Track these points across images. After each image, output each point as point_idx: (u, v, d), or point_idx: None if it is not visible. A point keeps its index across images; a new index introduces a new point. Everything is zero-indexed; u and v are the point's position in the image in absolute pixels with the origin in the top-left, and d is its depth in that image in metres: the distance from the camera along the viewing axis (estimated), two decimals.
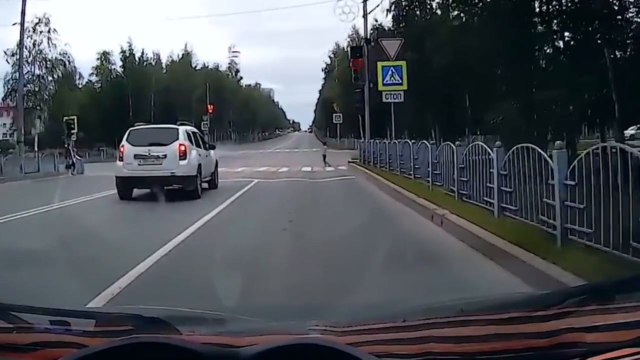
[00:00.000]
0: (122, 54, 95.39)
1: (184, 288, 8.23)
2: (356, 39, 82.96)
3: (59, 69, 74.79)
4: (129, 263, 9.51)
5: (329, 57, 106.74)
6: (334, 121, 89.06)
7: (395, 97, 31.48)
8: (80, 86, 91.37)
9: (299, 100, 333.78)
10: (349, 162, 41.33)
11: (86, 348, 1.86)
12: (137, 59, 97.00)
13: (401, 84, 31.62)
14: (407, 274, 8.10)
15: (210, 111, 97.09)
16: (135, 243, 11.90)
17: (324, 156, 45.25)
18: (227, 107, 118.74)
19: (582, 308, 2.16)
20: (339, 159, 45.71)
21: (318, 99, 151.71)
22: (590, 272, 7.12)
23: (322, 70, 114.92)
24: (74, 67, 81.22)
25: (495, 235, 10.10)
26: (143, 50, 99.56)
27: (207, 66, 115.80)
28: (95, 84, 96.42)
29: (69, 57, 77.02)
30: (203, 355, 1.76)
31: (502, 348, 1.90)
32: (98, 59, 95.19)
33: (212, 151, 24.47)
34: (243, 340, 1.90)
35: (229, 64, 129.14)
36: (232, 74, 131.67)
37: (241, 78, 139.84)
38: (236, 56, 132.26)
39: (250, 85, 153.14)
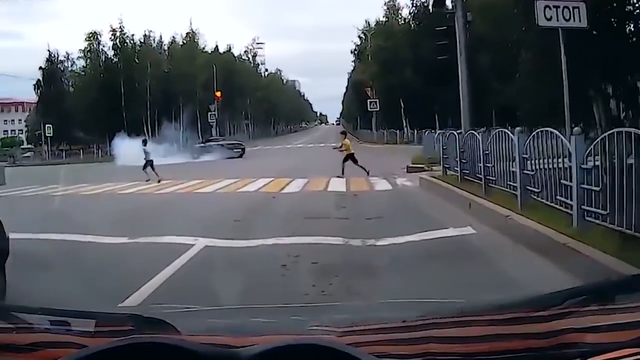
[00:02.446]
0: (112, 33, 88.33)
1: None
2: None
3: None
4: None
5: (359, 36, 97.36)
6: (369, 108, 77.96)
7: None
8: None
9: (326, 93, 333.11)
10: (411, 170, 28.66)
11: (86, 348, 1.83)
12: (132, 40, 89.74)
13: None
14: None
15: (218, 99, 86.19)
16: None
17: (349, 159, 29.10)
18: (241, 95, 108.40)
19: (582, 308, 2.10)
20: (385, 162, 35.30)
21: (346, 88, 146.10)
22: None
23: (352, 52, 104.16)
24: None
25: None
26: (147, 32, 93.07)
27: (218, 48, 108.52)
28: (83, 70, 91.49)
29: None
30: (203, 355, 1.73)
31: (502, 348, 1.86)
32: (86, 39, 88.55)
33: None
34: (243, 340, 1.87)
35: (253, 55, 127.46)
36: (248, 58, 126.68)
37: (266, 70, 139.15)
38: (260, 48, 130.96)
39: (271, 72, 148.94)
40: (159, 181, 28.53)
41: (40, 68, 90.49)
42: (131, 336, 1.88)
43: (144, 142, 32.99)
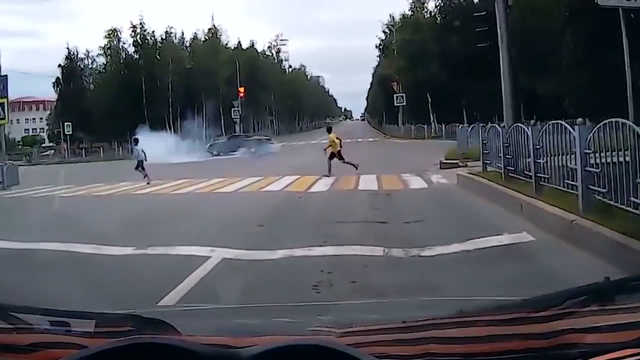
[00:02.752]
0: (132, 29, 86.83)
1: None
2: None
3: None
4: None
5: (384, 31, 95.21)
6: (396, 103, 76.99)
7: None
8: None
9: (350, 89, 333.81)
10: (445, 165, 26.87)
11: (86, 349, 1.83)
12: (153, 37, 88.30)
13: None
14: None
15: (242, 95, 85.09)
16: None
17: (336, 157, 27.73)
18: (265, 91, 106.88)
19: (582, 309, 2.09)
20: (416, 157, 34.09)
21: (371, 84, 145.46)
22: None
23: (377, 46, 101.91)
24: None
25: None
26: (168, 29, 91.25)
27: (241, 44, 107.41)
28: (104, 67, 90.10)
29: None
30: (203, 355, 1.72)
31: (502, 349, 1.85)
32: (106, 36, 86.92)
33: None
34: (243, 341, 1.86)
35: (277, 51, 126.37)
36: (272, 54, 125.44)
37: (290, 66, 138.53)
38: (284, 44, 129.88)
39: (294, 68, 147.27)
40: (147, 183, 27.02)
41: (60, 66, 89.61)
42: (131, 337, 1.87)
43: (135, 141, 31.72)
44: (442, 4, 75.16)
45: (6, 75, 42.42)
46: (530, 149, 15.01)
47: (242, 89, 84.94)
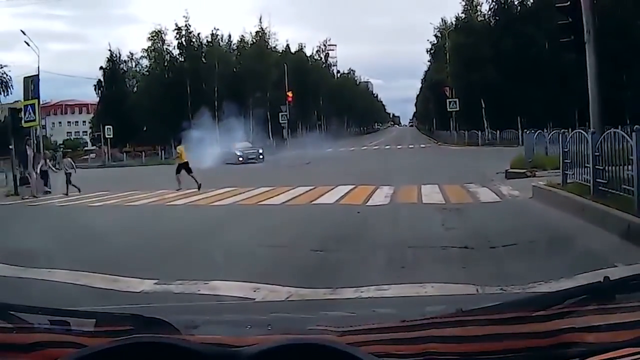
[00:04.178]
0: (176, 31, 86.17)
1: None
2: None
3: None
4: None
5: (435, 35, 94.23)
6: (449, 108, 74.90)
7: None
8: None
9: (399, 95, 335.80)
10: (511, 175, 25.11)
11: (86, 348, 1.82)
12: (198, 39, 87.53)
13: None
14: None
15: (290, 99, 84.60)
16: None
17: (183, 169, 28.70)
18: (313, 95, 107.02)
19: (582, 308, 2.07)
20: (476, 165, 32.43)
21: (420, 90, 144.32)
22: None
23: (427, 51, 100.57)
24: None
25: None
26: (214, 31, 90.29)
27: (289, 48, 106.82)
28: (147, 70, 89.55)
29: None
30: (203, 354, 1.72)
31: (502, 348, 1.85)
32: (150, 38, 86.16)
33: None
34: (243, 340, 1.88)
35: (325, 55, 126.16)
36: (320, 58, 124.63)
37: (338, 72, 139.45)
38: (332, 49, 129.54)
39: (343, 72, 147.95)
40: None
41: (101, 68, 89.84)
42: (131, 336, 1.86)
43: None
44: (495, 7, 74.12)
45: (37, 76, 41.65)
46: (634, 160, 12.73)
47: (290, 93, 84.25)
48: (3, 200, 29.55)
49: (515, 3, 73.05)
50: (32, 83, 38.53)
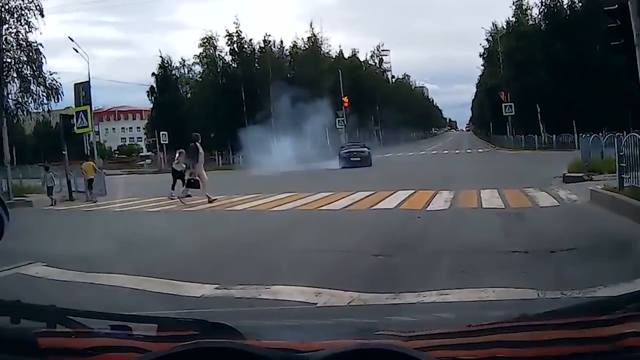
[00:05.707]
0: (228, 37, 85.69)
1: None
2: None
3: None
4: None
5: (486, 40, 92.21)
6: (504, 113, 74.00)
7: None
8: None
9: (455, 99, 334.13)
10: (568, 179, 24.82)
11: (148, 353, 1.81)
12: (251, 45, 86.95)
13: None
14: None
15: (346, 104, 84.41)
16: None
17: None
18: (369, 100, 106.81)
19: None
20: (533, 169, 32.42)
21: (475, 94, 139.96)
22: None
23: (480, 55, 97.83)
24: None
25: None
26: (266, 37, 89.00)
27: (342, 53, 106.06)
28: (200, 76, 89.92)
29: None
30: None
31: (565, 353, 1.82)
32: (201, 44, 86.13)
33: None
34: (309, 345, 1.85)
35: (379, 60, 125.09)
36: (375, 63, 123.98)
37: (393, 77, 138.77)
38: (386, 54, 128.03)
39: (397, 78, 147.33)
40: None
41: (153, 74, 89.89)
42: (195, 341, 1.84)
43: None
44: (545, 10, 73.49)
45: (88, 82, 41.93)
46: None
47: (345, 99, 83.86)
48: (58, 205, 29.86)
49: (565, 7, 72.19)
50: (83, 89, 39.00)
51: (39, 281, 10.63)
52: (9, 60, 53.48)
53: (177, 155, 28.02)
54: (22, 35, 52.96)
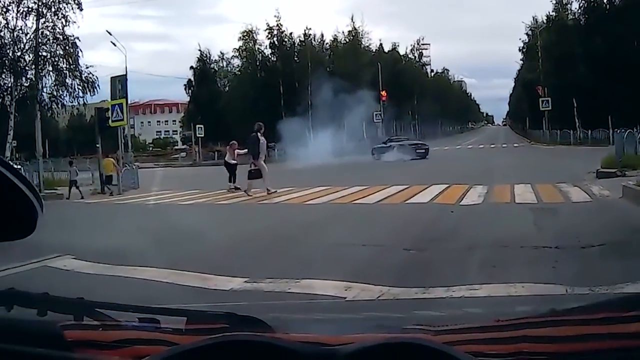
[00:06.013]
0: (268, 31, 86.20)
1: None
2: None
3: None
4: None
5: (526, 34, 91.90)
6: (541, 108, 74.18)
7: None
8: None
9: (492, 94, 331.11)
10: (602, 175, 24.57)
11: (177, 346, 1.79)
12: (291, 38, 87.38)
13: None
14: None
15: (384, 98, 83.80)
16: None
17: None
18: (408, 94, 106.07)
19: None
20: (567, 164, 32.69)
21: (513, 88, 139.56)
22: None
23: (519, 49, 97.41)
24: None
25: None
26: (306, 31, 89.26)
27: (382, 47, 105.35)
28: (239, 70, 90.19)
29: None
30: (300, 353, 1.69)
31: (594, 349, 1.81)
32: (241, 38, 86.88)
33: None
34: (339, 339, 1.84)
35: (419, 54, 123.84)
36: (414, 57, 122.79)
37: (432, 71, 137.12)
38: (426, 48, 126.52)
39: (437, 72, 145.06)
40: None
41: (191, 68, 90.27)
42: (224, 334, 1.82)
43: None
44: (585, 5, 72.72)
45: (125, 75, 42.10)
46: None
47: (384, 92, 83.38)
48: (89, 198, 30.08)
49: (605, 1, 71.31)
50: (119, 83, 38.98)
51: (67, 274, 10.76)
52: (44, 53, 53.95)
53: (228, 147, 28.09)
54: (59, 29, 53.40)
